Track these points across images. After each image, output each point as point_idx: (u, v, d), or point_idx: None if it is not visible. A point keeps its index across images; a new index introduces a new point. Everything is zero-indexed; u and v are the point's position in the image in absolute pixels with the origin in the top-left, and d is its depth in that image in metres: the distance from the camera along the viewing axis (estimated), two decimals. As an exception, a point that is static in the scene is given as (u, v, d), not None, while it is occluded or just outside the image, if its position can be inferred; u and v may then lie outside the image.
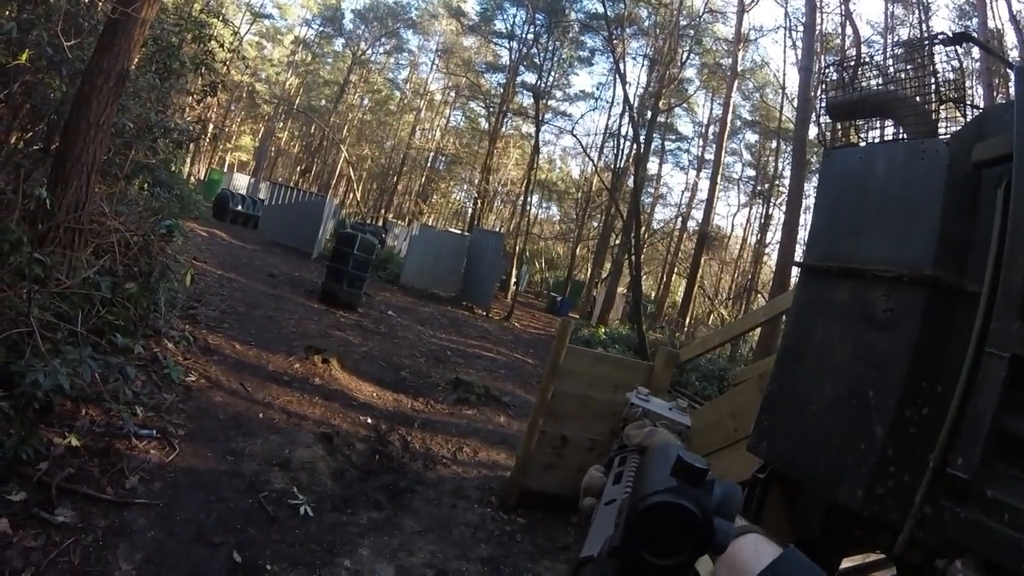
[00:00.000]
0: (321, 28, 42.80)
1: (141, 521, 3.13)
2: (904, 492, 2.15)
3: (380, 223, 35.84)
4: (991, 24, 16.79)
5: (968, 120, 2.70)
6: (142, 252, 4.81)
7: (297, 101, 40.33)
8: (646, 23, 25.09)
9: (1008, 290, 1.99)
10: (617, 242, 26.36)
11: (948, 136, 2.50)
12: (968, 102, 2.84)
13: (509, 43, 29.71)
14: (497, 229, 27.65)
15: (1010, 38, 16.81)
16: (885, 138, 3.03)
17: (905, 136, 2.85)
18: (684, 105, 30.99)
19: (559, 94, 32.70)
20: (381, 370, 8.43)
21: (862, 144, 3.13)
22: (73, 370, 2.98)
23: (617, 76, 17.29)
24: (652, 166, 32.88)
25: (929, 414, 2.19)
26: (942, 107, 2.78)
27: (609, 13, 19.26)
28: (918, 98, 2.82)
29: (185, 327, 6.22)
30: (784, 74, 31.13)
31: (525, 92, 29.76)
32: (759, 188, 32.92)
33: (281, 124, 43.15)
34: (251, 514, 3.59)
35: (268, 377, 6.36)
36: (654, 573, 0.44)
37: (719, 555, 0.48)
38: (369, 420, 6.35)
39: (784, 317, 4.25)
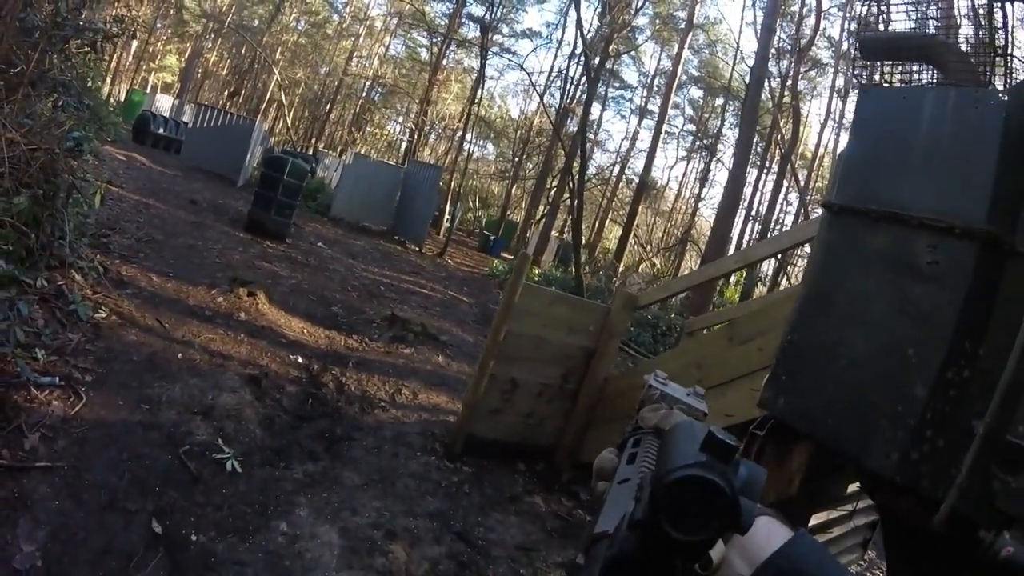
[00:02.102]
0: None
1: (43, 489, 2.71)
2: (939, 458, 2.07)
3: (311, 152, 34.00)
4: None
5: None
6: (45, 168, 4.13)
7: (228, 19, 36.66)
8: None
9: None
10: (555, 184, 26.11)
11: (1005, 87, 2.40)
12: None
13: None
14: (433, 163, 26.66)
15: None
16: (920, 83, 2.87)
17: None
18: (632, 53, 30.46)
19: (506, 29, 31.38)
20: (311, 304, 7.99)
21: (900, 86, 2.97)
22: None
23: (575, 10, 16.51)
24: (594, 112, 32.50)
25: (970, 377, 2.09)
26: (994, 60, 2.64)
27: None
28: (966, 46, 2.66)
29: (96, 257, 5.55)
30: (740, 31, 30.87)
31: (471, 24, 28.31)
32: (700, 143, 33.29)
33: (210, 44, 39.33)
34: (171, 473, 3.24)
35: (188, 312, 5.85)
36: (675, 549, 0.43)
37: (741, 535, 0.45)
38: (300, 359, 6.00)
39: (769, 263, 4.13)
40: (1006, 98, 2.24)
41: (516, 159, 33.41)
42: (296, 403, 5.09)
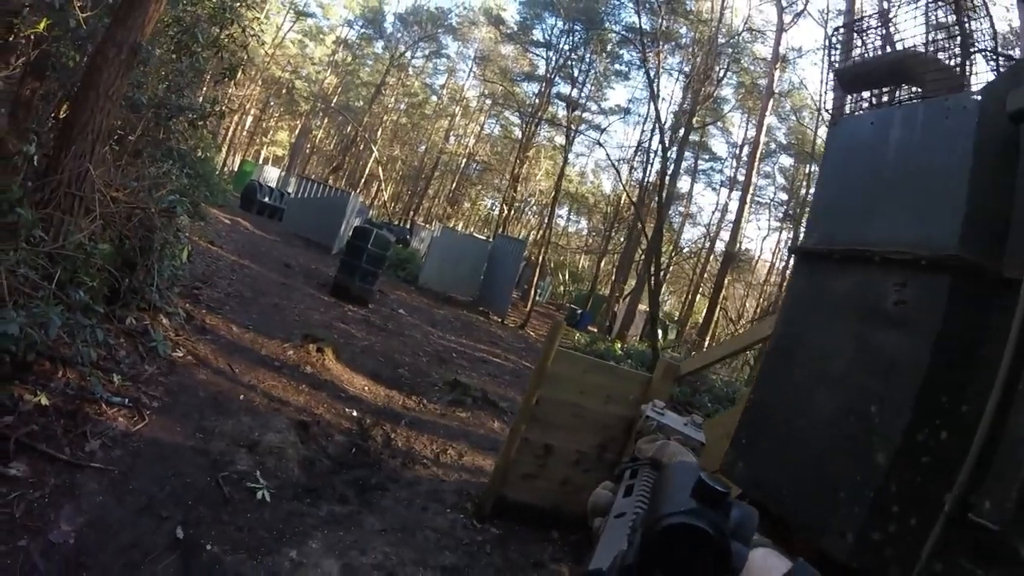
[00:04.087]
0: (362, 29, 43.78)
1: (92, 485, 3.13)
2: (909, 540, 1.65)
3: (408, 224, 36.19)
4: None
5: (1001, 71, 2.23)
6: (142, 224, 4.87)
7: (335, 100, 41.04)
8: (684, 39, 24.93)
9: None
10: (641, 258, 26.11)
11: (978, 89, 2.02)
12: (1000, 53, 2.36)
13: (546, 53, 29.86)
14: (521, 237, 27.60)
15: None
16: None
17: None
18: (719, 124, 30.69)
19: (593, 107, 32.74)
20: (378, 365, 8.41)
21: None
22: (35, 325, 3.01)
23: (649, 90, 17.09)
24: (683, 184, 32.72)
25: (949, 440, 1.70)
26: (970, 60, 2.32)
27: (646, 27, 19.15)
28: (941, 54, 2.36)
29: (184, 304, 6.30)
30: (822, 96, 30.36)
31: (559, 103, 29.81)
32: (791, 212, 32.36)
33: (318, 122, 44.03)
34: (206, 493, 3.58)
35: (258, 361, 6.39)
36: None
37: None
38: (354, 412, 6.32)
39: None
40: (979, 98, 1.95)
41: (606, 233, 33.85)
42: (340, 451, 5.37)
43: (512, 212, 32.38)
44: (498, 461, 5.18)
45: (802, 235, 2.56)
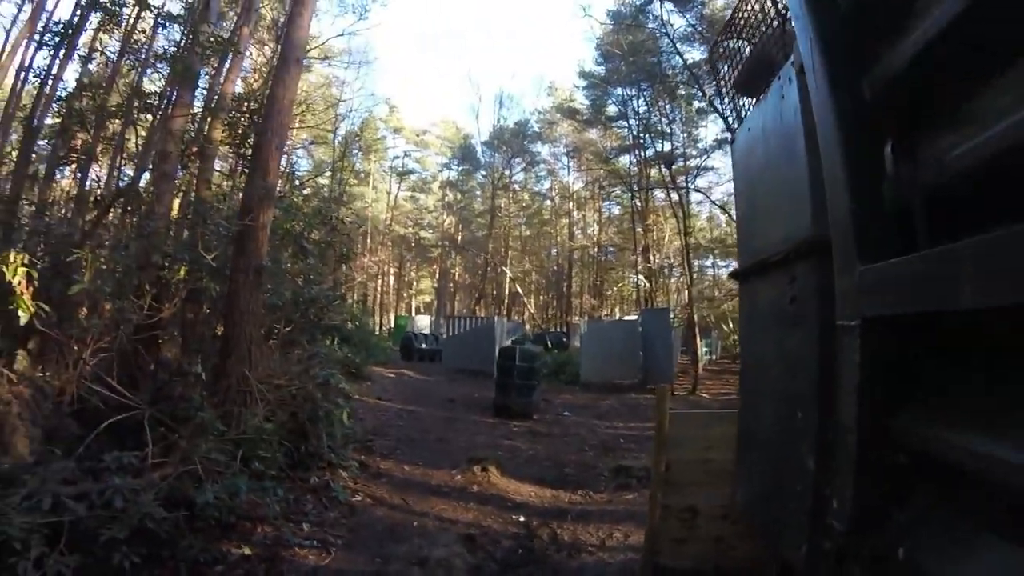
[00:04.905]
0: (460, 167, 48.29)
1: None
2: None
3: (563, 327, 37.15)
4: None
5: None
6: (305, 400, 6.04)
7: (459, 237, 44.96)
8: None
9: (837, 221, 1.38)
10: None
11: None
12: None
13: (627, 122, 30.72)
14: (673, 304, 27.22)
15: None
16: None
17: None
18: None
19: (693, 151, 32.44)
20: (543, 470, 8.80)
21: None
22: (228, 493, 4.02)
23: (723, 119, 16.89)
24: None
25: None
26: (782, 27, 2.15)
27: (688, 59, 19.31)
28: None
29: (358, 456, 7.36)
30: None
31: (660, 163, 30.10)
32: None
33: (451, 261, 48.23)
34: (384, 607, 4.22)
35: (429, 491, 7.15)
36: None
37: None
38: (521, 518, 6.72)
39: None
40: (793, 64, 1.83)
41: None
42: (507, 554, 5.78)
43: (656, 282, 32.19)
44: (646, 531, 5.27)
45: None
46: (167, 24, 10.46)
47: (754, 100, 2.52)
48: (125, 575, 3.72)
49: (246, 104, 8.23)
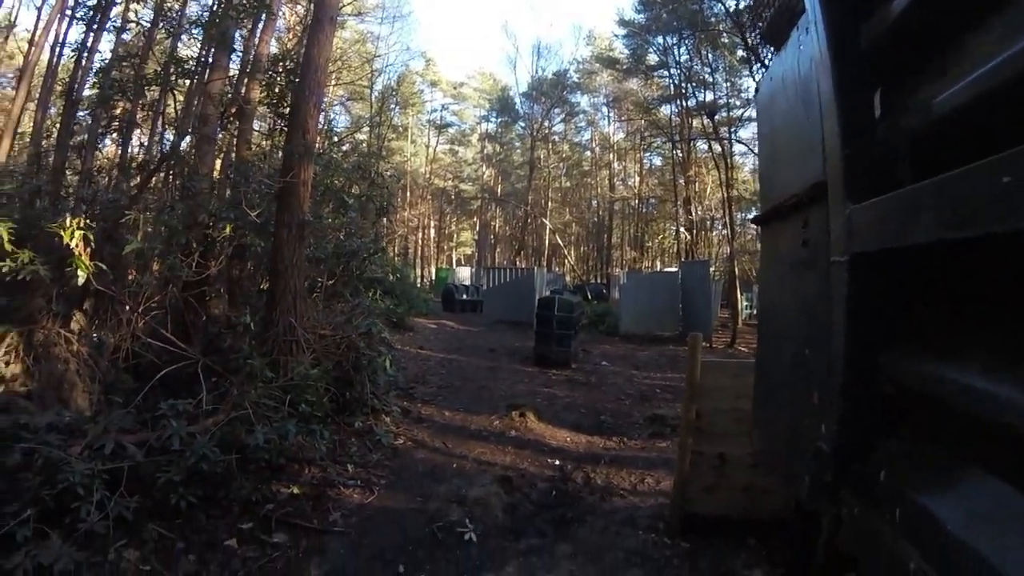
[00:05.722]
0: (498, 119, 47.65)
1: (335, 544, 4.26)
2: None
3: (603, 279, 37.07)
4: None
5: None
6: (349, 349, 6.33)
7: (499, 190, 44.77)
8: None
9: (831, 165, 1.47)
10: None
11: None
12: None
13: (668, 72, 29.69)
14: (714, 257, 26.79)
15: None
16: None
17: None
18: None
19: (736, 101, 31.24)
20: (580, 417, 9.02)
21: None
22: (277, 435, 4.34)
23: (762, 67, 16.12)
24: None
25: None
26: None
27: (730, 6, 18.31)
28: None
29: (401, 402, 7.71)
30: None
31: (703, 113, 29.14)
32: None
33: (490, 213, 48.28)
34: (423, 540, 4.52)
35: (468, 435, 7.45)
36: None
37: None
38: (556, 462, 6.98)
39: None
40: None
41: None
42: (541, 496, 6.04)
43: (697, 235, 31.66)
44: (675, 478, 5.41)
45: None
46: (200, -10, 10.61)
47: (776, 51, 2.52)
48: (181, 515, 4.10)
49: (282, 64, 8.32)
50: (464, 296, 25.69)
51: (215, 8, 9.96)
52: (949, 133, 1.13)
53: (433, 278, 38.31)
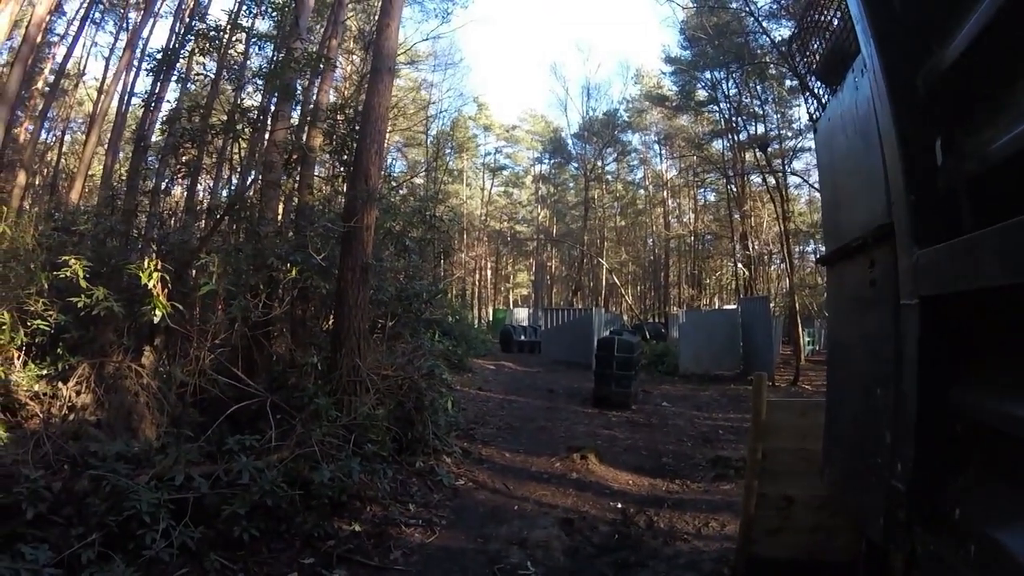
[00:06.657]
0: (551, 160, 48.27)
1: None
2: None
3: (661, 319, 36.47)
4: None
5: None
6: (411, 389, 6.49)
7: (554, 230, 45.04)
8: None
9: (897, 209, 1.51)
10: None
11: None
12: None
13: (718, 106, 29.51)
14: (773, 292, 26.01)
15: None
16: None
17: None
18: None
19: (788, 132, 30.58)
20: (641, 459, 8.85)
21: None
22: (342, 473, 4.47)
23: (815, 96, 15.83)
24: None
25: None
26: None
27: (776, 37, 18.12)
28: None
29: (461, 443, 7.77)
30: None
31: (755, 146, 28.73)
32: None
33: (546, 254, 48.54)
34: (485, 580, 4.51)
35: (529, 477, 7.42)
36: None
37: None
38: (618, 505, 6.84)
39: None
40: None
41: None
42: (603, 539, 5.92)
43: (755, 270, 30.86)
44: (741, 520, 5.22)
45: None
46: (260, 43, 11.40)
47: (831, 90, 2.57)
48: (244, 547, 4.24)
49: (342, 113, 8.80)
50: (522, 337, 25.78)
51: (275, 59, 10.69)
52: (1007, 178, 1.16)
53: (491, 319, 38.63)
